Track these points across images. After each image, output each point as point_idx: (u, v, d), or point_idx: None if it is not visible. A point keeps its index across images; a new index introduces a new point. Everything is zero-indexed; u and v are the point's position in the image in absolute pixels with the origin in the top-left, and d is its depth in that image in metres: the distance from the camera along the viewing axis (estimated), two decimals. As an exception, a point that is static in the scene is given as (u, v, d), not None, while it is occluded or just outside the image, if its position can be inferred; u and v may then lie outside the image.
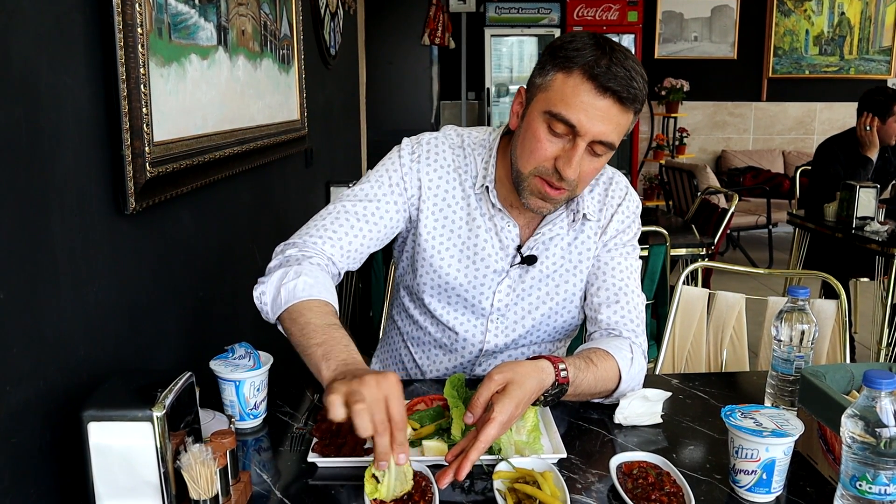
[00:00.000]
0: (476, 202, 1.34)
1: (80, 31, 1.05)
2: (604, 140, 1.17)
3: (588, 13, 6.20)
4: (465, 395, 1.18)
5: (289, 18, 2.29)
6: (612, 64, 1.14)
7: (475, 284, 1.35)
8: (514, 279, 1.35)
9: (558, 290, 1.37)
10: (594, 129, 1.15)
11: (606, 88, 1.13)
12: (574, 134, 1.16)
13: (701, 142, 7.15)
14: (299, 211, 2.66)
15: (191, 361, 1.40)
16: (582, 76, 1.14)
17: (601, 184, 1.39)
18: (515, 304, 1.36)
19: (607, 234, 1.38)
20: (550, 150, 1.19)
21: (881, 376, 0.84)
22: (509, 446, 1.07)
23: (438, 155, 1.35)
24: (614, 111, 1.15)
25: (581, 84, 1.14)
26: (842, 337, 1.75)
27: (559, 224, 1.35)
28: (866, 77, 6.94)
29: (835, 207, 3.50)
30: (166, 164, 1.26)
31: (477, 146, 1.37)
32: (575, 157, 1.17)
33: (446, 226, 1.35)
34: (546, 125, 1.18)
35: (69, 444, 0.97)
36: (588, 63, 1.14)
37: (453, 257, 1.34)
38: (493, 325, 1.37)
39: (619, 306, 1.34)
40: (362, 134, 4.75)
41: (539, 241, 1.34)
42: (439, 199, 1.34)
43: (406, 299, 1.44)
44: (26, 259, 0.91)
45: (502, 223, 1.33)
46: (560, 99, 1.16)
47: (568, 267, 1.37)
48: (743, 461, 0.98)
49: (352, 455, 1.07)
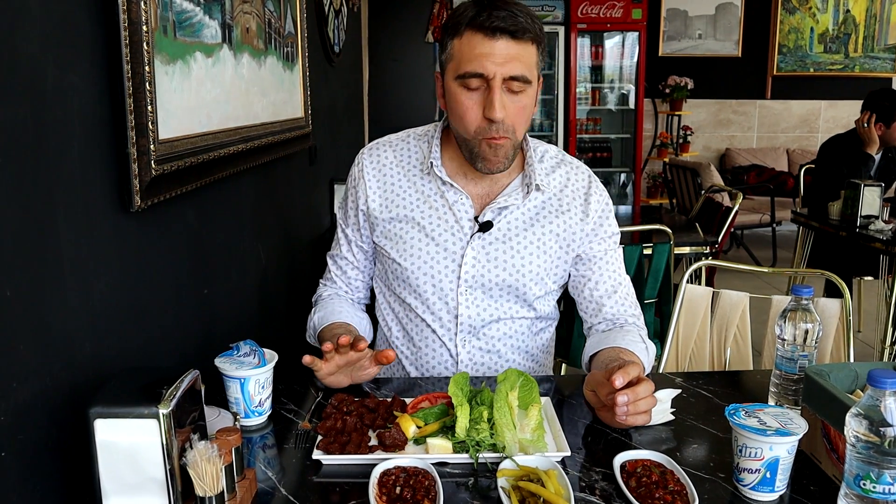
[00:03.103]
0: (425, 183, 1.45)
1: (85, 30, 1.05)
2: (514, 75, 1.27)
3: (592, 10, 6.18)
4: (470, 393, 1.19)
5: (293, 16, 2.29)
6: (493, 10, 1.25)
7: (438, 259, 1.42)
8: (476, 249, 1.42)
9: (523, 260, 1.42)
10: (500, 69, 1.26)
11: (494, 30, 1.25)
12: (485, 80, 1.28)
13: (705, 140, 7.14)
14: (303, 208, 2.67)
15: (196, 359, 1.40)
16: (471, 31, 1.27)
17: (562, 168, 1.48)
18: (482, 275, 1.42)
19: (589, 217, 1.45)
20: (474, 107, 1.30)
21: (886, 375, 0.84)
22: (513, 444, 1.07)
23: (380, 155, 1.49)
24: (512, 47, 1.26)
25: (472, 37, 1.27)
26: (845, 336, 1.75)
27: (514, 195, 1.43)
28: (871, 75, 6.92)
29: (839, 206, 3.50)
30: (171, 161, 1.26)
31: (422, 136, 1.50)
32: (495, 99, 1.27)
33: (399, 213, 1.44)
34: (462, 87, 1.30)
35: (76, 440, 0.97)
36: (471, 18, 1.27)
37: (413, 238, 1.43)
38: (463, 297, 1.42)
39: (619, 296, 1.47)
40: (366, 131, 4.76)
41: (493, 208, 1.42)
42: (387, 192, 1.46)
43: (385, 297, 1.52)
44: (32, 257, 0.92)
45: (454, 197, 1.42)
46: (462, 59, 1.29)
47: (532, 240, 1.43)
48: (747, 460, 0.98)
49: (356, 452, 1.07)
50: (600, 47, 6.59)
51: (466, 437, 1.09)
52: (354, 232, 1.50)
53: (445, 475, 1.03)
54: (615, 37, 6.56)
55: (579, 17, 6.19)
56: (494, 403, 1.12)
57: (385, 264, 1.48)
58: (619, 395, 1.09)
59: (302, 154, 2.60)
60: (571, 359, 2.53)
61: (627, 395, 1.10)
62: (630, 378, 1.12)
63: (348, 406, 1.19)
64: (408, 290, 1.45)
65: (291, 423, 1.21)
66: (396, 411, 1.17)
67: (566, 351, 2.52)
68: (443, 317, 1.44)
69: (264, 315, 1.42)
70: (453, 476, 1.04)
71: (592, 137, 6.67)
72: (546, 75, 6.47)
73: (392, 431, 1.10)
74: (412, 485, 0.98)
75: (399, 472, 1.01)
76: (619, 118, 6.77)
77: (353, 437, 1.10)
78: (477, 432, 1.09)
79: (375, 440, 1.11)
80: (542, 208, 1.44)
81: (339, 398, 1.21)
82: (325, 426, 1.13)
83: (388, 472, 1.01)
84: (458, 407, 1.12)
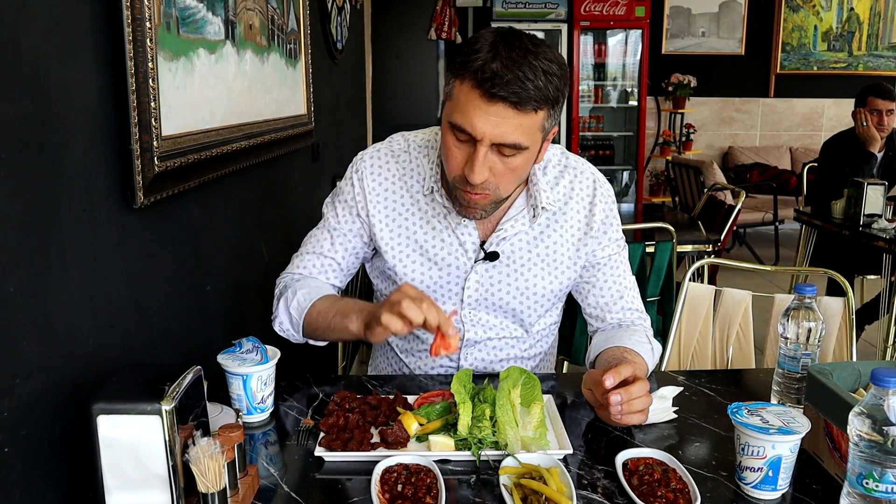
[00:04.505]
0: (427, 202, 1.37)
1: (89, 26, 1.05)
2: (505, 142, 1.15)
3: (595, 8, 6.17)
4: (473, 390, 1.19)
5: (296, 13, 2.29)
6: (503, 67, 1.10)
7: (441, 284, 1.37)
8: (480, 275, 1.38)
9: (528, 283, 1.39)
10: (489, 133, 1.14)
11: (493, 95, 1.11)
12: (473, 140, 1.16)
13: (708, 138, 7.12)
14: (306, 205, 2.67)
15: (198, 355, 1.40)
16: (471, 84, 1.13)
17: (565, 177, 1.40)
18: (486, 298, 1.39)
19: (593, 230, 1.39)
20: (459, 157, 1.20)
21: (889, 374, 0.84)
22: (516, 442, 1.07)
23: (382, 167, 1.39)
24: (509, 114, 1.13)
25: (471, 91, 1.13)
26: (848, 334, 1.75)
27: (520, 221, 1.36)
28: (875, 73, 6.89)
29: (842, 204, 3.49)
30: (174, 158, 1.26)
31: (422, 148, 1.39)
32: (477, 162, 1.16)
33: (402, 234, 1.37)
34: (452, 134, 1.19)
35: (78, 437, 0.97)
36: (477, 69, 1.12)
37: (415, 262, 1.37)
38: (467, 318, 1.40)
39: (625, 301, 1.44)
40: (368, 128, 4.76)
41: (499, 237, 1.36)
42: (389, 209, 1.38)
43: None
44: (35, 253, 0.92)
45: (456, 220, 1.34)
46: (456, 107, 1.16)
47: (536, 261, 1.39)
48: (749, 458, 0.98)
49: (358, 449, 1.07)
50: (603, 45, 6.58)
51: (468, 435, 1.09)
52: (346, 233, 1.41)
53: (447, 472, 1.03)
54: (618, 34, 6.54)
55: (582, 15, 6.17)
56: (497, 401, 1.12)
57: (387, 278, 1.44)
58: (611, 394, 1.10)
59: (304, 151, 2.60)
60: (574, 357, 2.52)
61: (620, 395, 1.10)
62: (623, 377, 1.12)
63: (350, 403, 1.19)
64: None
65: (294, 419, 1.22)
66: (399, 408, 1.18)
67: (568, 349, 2.52)
68: None
69: (267, 312, 1.42)
70: (455, 473, 1.04)
71: (595, 135, 6.66)
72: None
73: (394, 428, 1.10)
74: (414, 482, 0.98)
75: (401, 469, 1.01)
76: (621, 116, 6.76)
77: (355, 434, 1.10)
78: (479, 430, 1.09)
79: (377, 437, 1.12)
80: (546, 226, 1.38)
81: (342, 395, 1.21)
82: (327, 423, 1.13)
83: (390, 470, 1.01)
84: (460, 404, 1.12)
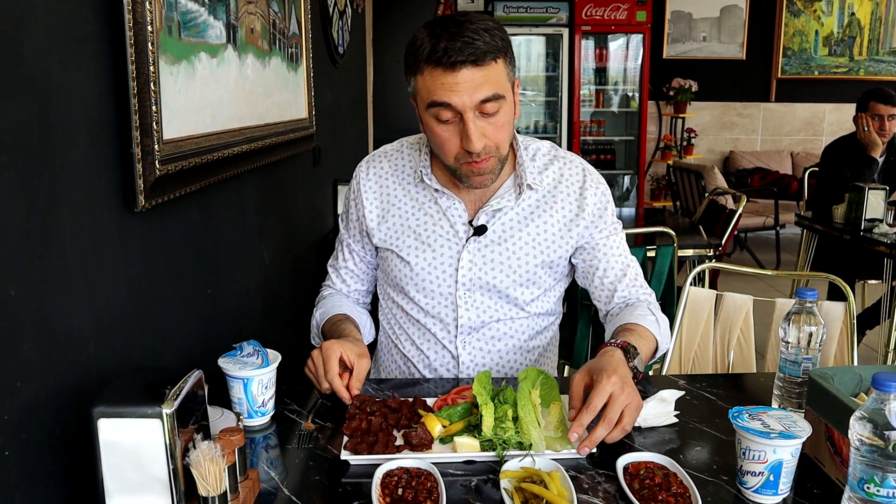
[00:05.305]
0: (419, 191, 1.46)
1: (90, 30, 1.05)
2: (485, 98, 1.24)
3: (596, 12, 6.17)
4: (493, 391, 1.19)
5: (297, 17, 2.29)
6: (450, 40, 1.21)
7: (435, 265, 1.43)
8: (472, 252, 1.42)
9: (520, 262, 1.43)
10: (468, 99, 1.23)
11: (454, 64, 1.21)
12: (457, 112, 1.25)
13: (709, 142, 7.12)
14: (307, 209, 2.67)
15: (199, 359, 1.40)
16: (430, 67, 1.23)
17: (555, 164, 1.46)
18: (479, 277, 1.42)
19: (586, 212, 1.44)
20: (451, 138, 1.28)
21: (890, 379, 0.84)
22: (540, 441, 1.08)
23: (376, 167, 1.50)
24: (475, 74, 1.22)
25: (433, 73, 1.23)
26: (849, 339, 1.75)
27: (506, 197, 1.42)
28: (876, 78, 6.89)
29: (843, 209, 3.49)
30: (175, 161, 1.26)
31: (413, 144, 1.51)
32: (471, 131, 1.25)
33: (396, 222, 1.46)
34: (434, 118, 1.28)
35: (79, 440, 0.97)
36: (429, 54, 1.22)
37: (409, 247, 1.44)
38: (462, 300, 1.43)
39: (628, 279, 1.48)
40: (370, 132, 4.76)
41: (486, 211, 1.42)
42: (383, 202, 1.48)
43: (388, 301, 1.54)
44: (36, 256, 0.92)
45: (447, 203, 1.43)
46: (428, 94, 1.26)
47: (527, 240, 1.43)
48: (750, 462, 0.98)
49: (384, 452, 1.08)
50: (604, 49, 6.58)
51: (493, 436, 1.09)
52: (356, 243, 1.53)
53: (448, 475, 1.03)
54: (619, 39, 6.55)
55: (583, 19, 6.18)
56: (518, 402, 1.13)
57: (386, 271, 1.50)
58: (570, 433, 1.10)
59: (306, 155, 2.60)
60: (575, 361, 2.52)
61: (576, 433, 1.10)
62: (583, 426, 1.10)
63: (371, 406, 1.19)
64: (408, 296, 1.46)
65: (294, 423, 1.22)
66: (421, 410, 1.18)
67: (569, 353, 2.52)
68: (443, 319, 1.45)
69: (268, 315, 1.42)
70: (455, 477, 1.04)
71: (596, 139, 6.66)
72: (550, 77, 6.48)
73: (419, 431, 1.10)
74: (414, 486, 0.98)
75: (401, 472, 1.01)
76: (622, 120, 6.76)
77: (379, 437, 1.11)
78: (503, 430, 1.10)
79: (401, 440, 1.12)
80: (536, 207, 1.44)
81: (361, 399, 1.21)
82: (350, 427, 1.13)
83: (390, 474, 1.01)
84: (483, 406, 1.13)
